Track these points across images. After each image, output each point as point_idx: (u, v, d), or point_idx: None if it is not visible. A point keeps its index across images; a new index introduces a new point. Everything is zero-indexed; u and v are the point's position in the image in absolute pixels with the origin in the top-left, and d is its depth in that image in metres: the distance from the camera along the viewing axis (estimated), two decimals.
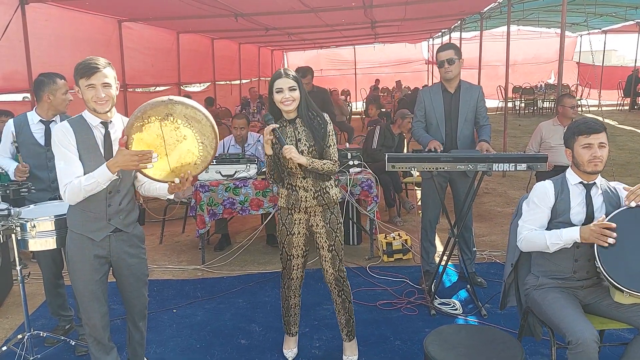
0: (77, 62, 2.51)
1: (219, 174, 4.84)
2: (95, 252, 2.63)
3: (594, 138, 2.58)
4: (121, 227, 2.68)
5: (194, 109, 2.44)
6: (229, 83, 15.78)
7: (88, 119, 2.58)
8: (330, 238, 3.08)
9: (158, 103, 2.40)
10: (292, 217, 3.07)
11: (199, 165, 2.53)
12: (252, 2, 7.79)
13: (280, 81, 2.90)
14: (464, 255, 4.29)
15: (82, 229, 2.61)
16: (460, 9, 10.24)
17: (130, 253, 2.74)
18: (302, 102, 2.96)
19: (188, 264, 5.03)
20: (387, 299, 4.11)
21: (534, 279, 2.78)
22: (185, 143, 2.47)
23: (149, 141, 2.43)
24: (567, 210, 2.63)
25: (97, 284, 2.66)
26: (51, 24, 7.02)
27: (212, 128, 2.48)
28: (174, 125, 2.43)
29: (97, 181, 2.46)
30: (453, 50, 4.00)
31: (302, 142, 2.96)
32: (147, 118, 2.39)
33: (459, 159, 3.54)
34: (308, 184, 3.01)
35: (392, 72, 22.29)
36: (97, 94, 2.47)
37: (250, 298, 4.24)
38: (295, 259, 3.14)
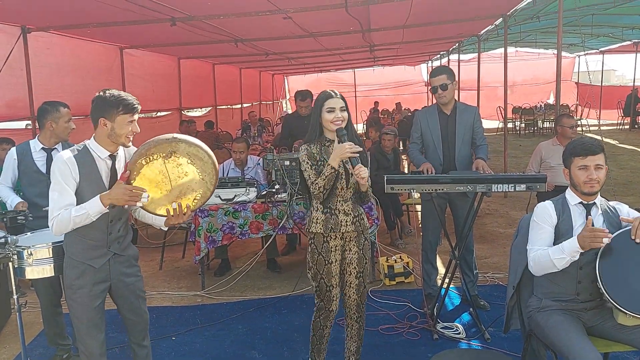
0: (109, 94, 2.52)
1: (218, 198, 4.83)
2: (95, 279, 2.63)
3: (590, 160, 2.56)
4: (119, 252, 2.71)
5: (197, 147, 2.52)
6: (230, 107, 15.90)
7: (95, 150, 2.59)
8: (361, 265, 3.04)
9: (162, 141, 2.48)
10: (329, 244, 2.97)
11: (198, 201, 2.59)
12: (252, 27, 7.89)
13: (331, 101, 2.90)
14: (466, 277, 4.24)
15: (82, 256, 2.61)
16: (457, 31, 10.36)
17: (127, 273, 2.77)
18: (350, 124, 2.96)
19: (188, 289, 4.99)
20: (389, 324, 4.05)
21: (536, 301, 2.73)
22: (186, 179, 2.54)
23: (151, 177, 2.49)
24: (569, 230, 2.60)
25: (96, 311, 2.65)
26: (53, 52, 7.11)
27: (213, 166, 2.55)
28: (177, 162, 2.50)
29: (87, 213, 2.47)
30: (446, 75, 4.01)
31: (348, 163, 2.92)
32: (150, 155, 2.46)
33: (458, 180, 3.52)
34: (348, 208, 2.96)
35: (392, 95, 22.44)
36: (134, 129, 2.56)
37: (251, 324, 4.18)
38: (334, 289, 3.00)
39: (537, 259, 2.59)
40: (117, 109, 2.50)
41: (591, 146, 2.57)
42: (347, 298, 3.09)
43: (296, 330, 4.02)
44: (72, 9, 5.91)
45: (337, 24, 8.05)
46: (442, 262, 5.12)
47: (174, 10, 6.13)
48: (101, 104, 2.52)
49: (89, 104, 2.58)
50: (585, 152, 2.56)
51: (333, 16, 7.17)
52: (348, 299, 3.09)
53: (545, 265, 2.56)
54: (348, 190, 2.96)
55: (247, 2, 5.99)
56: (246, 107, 16.79)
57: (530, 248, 2.66)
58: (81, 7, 5.81)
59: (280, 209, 4.77)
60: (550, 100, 20.94)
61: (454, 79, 4.03)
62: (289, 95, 22.73)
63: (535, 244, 2.64)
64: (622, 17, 10.91)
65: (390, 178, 3.57)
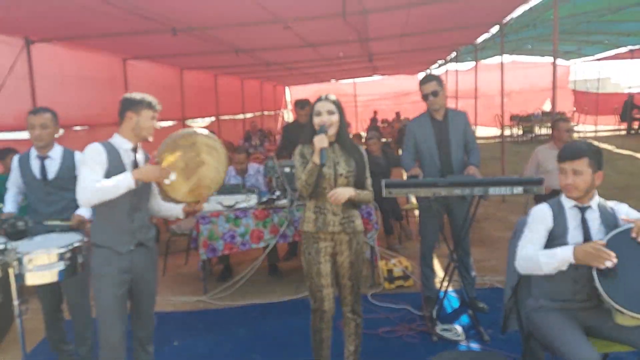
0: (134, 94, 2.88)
1: (219, 205, 4.90)
2: (119, 265, 2.82)
3: (567, 164, 2.57)
4: (144, 241, 2.93)
5: (214, 139, 2.97)
6: (232, 118, 16.00)
7: (119, 143, 2.87)
8: (353, 268, 3.08)
9: (185, 134, 2.91)
10: (319, 245, 3.02)
11: (211, 187, 2.99)
12: (252, 37, 8.00)
13: (319, 104, 2.98)
14: (464, 279, 4.30)
15: (109, 241, 2.82)
16: (454, 40, 10.49)
17: (149, 269, 2.97)
18: (342, 128, 3.02)
19: (190, 295, 5.04)
20: (389, 326, 4.10)
21: (533, 301, 2.75)
22: (203, 168, 2.93)
23: (175, 164, 2.86)
24: (564, 233, 2.60)
25: (119, 300, 2.83)
26: (56, 63, 7.20)
27: (225, 156, 3.01)
28: (196, 152, 2.89)
29: (117, 185, 2.67)
30: (435, 82, 4.11)
31: (340, 166, 2.99)
32: (175, 146, 2.85)
33: (455, 184, 3.60)
34: (338, 209, 3.00)
35: (392, 104, 22.57)
36: (155, 125, 2.93)
37: (252, 329, 4.24)
38: (326, 289, 3.03)
39: (525, 258, 2.58)
40: (142, 104, 2.85)
41: (571, 151, 2.56)
42: (343, 298, 3.16)
43: (297, 334, 4.07)
44: (75, 21, 6.02)
45: (336, 34, 8.17)
46: (441, 265, 5.18)
47: (175, 21, 6.24)
48: (129, 100, 2.87)
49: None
50: (562, 156, 2.59)
51: (332, 26, 7.29)
52: (344, 299, 3.16)
53: (531, 265, 2.56)
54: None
55: (247, 13, 6.10)
56: (248, 118, 16.90)
57: (521, 245, 2.66)
58: (84, 18, 5.91)
59: (281, 216, 4.83)
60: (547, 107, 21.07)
61: (443, 86, 4.13)
62: (291, 105, 22.86)
63: (527, 243, 2.64)
64: (617, 24, 11.00)
65: (388, 182, 3.65)
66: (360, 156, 3.08)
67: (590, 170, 2.56)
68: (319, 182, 2.96)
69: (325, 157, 2.86)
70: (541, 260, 2.51)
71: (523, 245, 2.67)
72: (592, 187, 2.60)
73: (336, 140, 3.03)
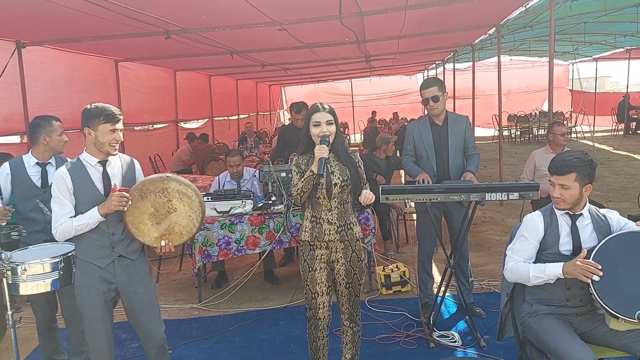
0: (93, 106, 2.77)
1: (214, 211, 4.84)
2: (99, 278, 2.81)
3: (555, 178, 2.59)
4: (124, 254, 2.87)
5: (186, 186, 2.85)
6: (227, 119, 15.93)
7: (85, 159, 2.82)
8: (349, 276, 3.05)
9: (156, 179, 2.83)
10: (314, 253, 3.02)
11: (183, 236, 2.87)
12: (247, 39, 7.94)
13: (317, 115, 2.95)
14: (462, 285, 4.25)
15: (88, 255, 2.81)
16: (451, 41, 10.45)
17: (135, 281, 2.90)
18: (338, 137, 3.01)
19: (184, 302, 4.98)
20: (386, 333, 4.05)
21: (528, 306, 2.77)
22: (175, 215, 2.84)
23: (144, 210, 2.79)
24: (556, 241, 2.63)
25: (104, 309, 2.83)
26: (47, 66, 7.14)
27: (199, 204, 2.86)
28: (167, 198, 2.81)
29: (87, 222, 2.75)
30: (437, 87, 4.04)
31: (335, 175, 2.98)
32: (145, 191, 2.79)
33: (452, 190, 3.55)
34: (333, 217, 2.99)
35: (389, 104, 22.53)
36: (117, 137, 2.79)
37: (248, 336, 4.18)
38: (320, 297, 3.02)
39: (515, 269, 2.66)
40: (99, 118, 2.74)
41: (559, 167, 2.58)
42: (341, 305, 3.12)
43: (293, 342, 4.02)
44: (67, 23, 5.95)
45: (333, 35, 8.12)
46: (438, 270, 5.13)
47: (168, 24, 6.18)
48: (86, 115, 2.77)
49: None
50: (552, 170, 2.61)
51: (328, 27, 7.23)
52: (341, 307, 3.12)
53: (520, 277, 2.64)
54: (332, 201, 2.98)
55: (242, 15, 6.04)
56: (243, 118, 16.84)
57: (511, 255, 2.72)
58: (75, 21, 5.84)
59: (277, 221, 4.77)
60: (545, 107, 21.07)
61: (444, 90, 4.07)
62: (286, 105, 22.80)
63: (517, 253, 2.70)
64: (614, 25, 10.99)
65: (385, 188, 3.60)
66: (355, 165, 3.06)
67: (578, 185, 2.58)
68: (314, 192, 2.96)
69: (323, 168, 2.86)
70: (531, 274, 2.60)
71: (512, 255, 2.72)
72: (580, 200, 2.62)
73: (331, 150, 3.00)
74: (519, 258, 2.68)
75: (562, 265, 2.50)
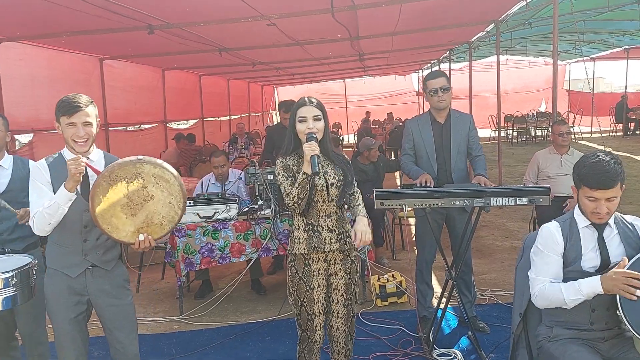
0: (59, 99, 2.52)
1: (196, 216, 4.50)
2: (70, 287, 2.56)
3: (600, 193, 2.18)
4: (98, 264, 2.59)
5: (163, 168, 2.45)
6: (217, 119, 15.59)
7: (65, 155, 2.57)
8: (349, 291, 2.72)
9: (127, 162, 2.42)
10: (311, 267, 2.66)
11: (165, 226, 2.48)
12: (235, 36, 7.60)
13: (304, 109, 2.61)
14: (464, 298, 3.92)
15: (58, 264, 2.56)
16: (448, 39, 10.15)
17: (110, 293, 2.60)
18: (326, 134, 2.67)
19: (165, 315, 4.63)
20: (382, 351, 3.72)
21: (546, 329, 2.42)
22: (152, 203, 2.44)
23: (116, 200, 2.40)
24: (578, 257, 2.28)
25: (73, 324, 2.58)
26: (26, 64, 6.79)
27: (179, 187, 2.47)
28: (142, 184, 2.42)
29: (56, 202, 2.41)
30: (444, 78, 3.73)
31: (329, 175, 2.65)
32: (114, 178, 2.38)
33: (454, 194, 3.21)
34: (332, 224, 2.65)
35: (383, 105, 22.24)
36: (77, 133, 2.47)
37: (230, 353, 3.83)
38: (317, 318, 2.68)
39: (545, 294, 2.28)
40: (60, 111, 2.48)
41: (605, 179, 2.16)
42: (335, 330, 2.75)
43: (280, 358, 3.68)
44: (43, 17, 5.60)
45: (325, 32, 7.79)
46: (438, 279, 4.80)
47: (150, 18, 5.83)
48: (55, 109, 2.52)
49: None
50: (597, 184, 2.17)
51: (320, 23, 6.90)
52: (336, 331, 2.75)
53: (554, 301, 2.26)
54: (331, 204, 2.65)
55: (228, 8, 5.71)
56: (235, 119, 16.49)
57: (535, 278, 2.34)
58: (53, 15, 5.50)
59: (264, 227, 4.44)
60: (542, 108, 20.86)
61: (450, 85, 3.75)
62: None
63: (541, 273, 2.32)
64: (614, 23, 10.77)
65: (379, 193, 3.27)
66: (347, 163, 2.76)
67: (620, 191, 2.25)
68: (311, 195, 2.61)
69: (317, 166, 2.50)
70: (566, 297, 2.21)
71: (536, 277, 2.34)
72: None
73: (320, 149, 2.66)
74: (545, 278, 2.31)
75: (601, 279, 2.12)
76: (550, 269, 2.31)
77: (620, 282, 2.06)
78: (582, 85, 19.80)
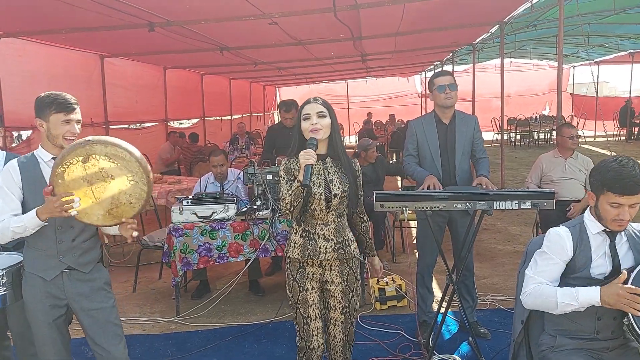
0: (45, 95, 2.48)
1: (194, 215, 4.43)
2: (47, 291, 2.50)
3: (626, 199, 2.11)
4: (75, 266, 2.52)
5: (114, 146, 2.36)
6: (219, 119, 15.54)
7: (39, 155, 2.52)
8: (346, 299, 2.62)
9: (76, 146, 2.33)
10: (305, 270, 2.59)
11: (134, 205, 2.41)
12: (237, 34, 7.55)
13: (308, 107, 2.53)
14: (465, 302, 3.85)
15: (34, 267, 2.51)
16: (452, 40, 10.08)
17: (89, 296, 2.53)
18: (334, 135, 2.56)
19: (161, 315, 4.56)
20: (380, 355, 3.64)
21: (549, 338, 2.35)
22: (114, 183, 2.37)
23: (75, 187, 2.33)
24: (587, 264, 2.21)
25: (52, 328, 2.53)
26: (26, 60, 6.75)
27: (138, 163, 2.38)
28: (98, 166, 2.34)
29: (25, 225, 2.37)
30: (452, 77, 3.68)
31: (334, 185, 2.53)
32: (67, 163, 2.31)
33: (456, 197, 3.14)
34: (330, 233, 2.55)
35: (385, 106, 22.17)
36: (72, 130, 2.47)
37: (226, 355, 3.77)
38: (313, 322, 2.59)
39: (537, 293, 2.23)
40: (50, 108, 2.43)
41: (633, 185, 2.07)
42: (332, 338, 2.66)
43: None
44: (43, 14, 5.56)
45: (327, 31, 7.73)
46: (438, 283, 4.73)
47: (151, 15, 5.78)
48: (37, 104, 2.47)
49: None
50: (623, 190, 2.09)
51: (322, 22, 6.85)
52: (333, 339, 2.66)
53: (544, 302, 2.21)
54: (329, 214, 2.55)
55: (229, 7, 5.65)
56: (236, 119, 16.44)
57: (532, 276, 2.29)
58: (53, 11, 5.46)
59: (262, 228, 4.37)
60: (545, 111, 20.77)
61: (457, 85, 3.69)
62: None
63: (539, 274, 2.27)
64: (619, 27, 10.70)
65: (380, 195, 3.20)
66: (355, 174, 2.63)
67: None
68: (308, 202, 2.52)
69: (308, 177, 2.39)
70: (559, 300, 2.16)
71: (533, 276, 2.28)
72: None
73: (328, 153, 2.58)
74: (542, 280, 2.25)
75: (600, 291, 2.08)
76: (551, 273, 2.26)
77: (624, 297, 2.01)
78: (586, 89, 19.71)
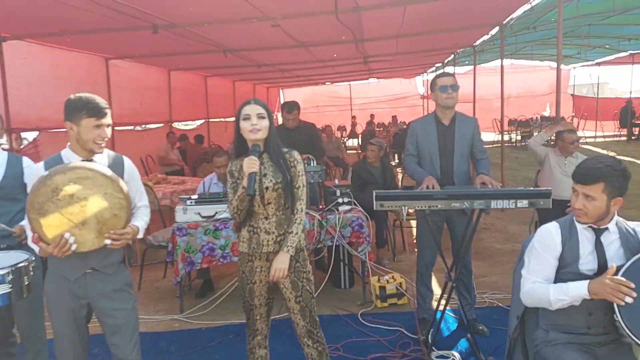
0: (76, 97, 2.47)
1: (198, 215, 4.52)
2: (71, 293, 2.53)
3: (579, 187, 2.23)
4: (98, 267, 2.54)
5: (72, 169, 2.34)
6: (223, 120, 15.63)
7: (66, 156, 2.52)
8: (296, 289, 2.72)
9: (38, 187, 2.30)
10: (253, 264, 2.73)
11: (120, 215, 2.41)
12: (240, 37, 7.64)
13: (247, 108, 2.64)
14: (463, 300, 3.92)
15: (57, 266, 2.52)
16: (453, 42, 10.16)
17: (111, 297, 2.57)
18: (272, 134, 2.69)
19: (165, 313, 4.64)
20: (380, 352, 3.72)
21: (543, 333, 2.41)
22: (90, 204, 2.35)
23: (57, 224, 2.32)
24: (575, 259, 2.28)
25: (72, 327, 2.56)
26: (31, 62, 6.84)
27: (103, 175, 2.38)
28: (67, 195, 2.31)
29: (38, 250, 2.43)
30: (455, 78, 3.76)
31: (267, 178, 2.65)
32: (37, 206, 2.29)
33: (454, 196, 3.22)
34: (271, 226, 2.68)
35: (388, 108, 22.27)
36: (103, 134, 2.47)
37: (229, 352, 3.85)
38: (257, 309, 2.80)
39: (533, 293, 2.32)
40: (82, 112, 2.43)
41: (585, 174, 2.21)
42: (296, 325, 2.80)
43: (279, 359, 3.69)
44: (48, 16, 5.65)
45: (329, 34, 7.82)
46: (438, 281, 4.80)
47: (154, 17, 5.87)
48: (68, 107, 2.47)
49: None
50: (577, 177, 2.24)
51: (324, 24, 6.93)
52: (297, 326, 2.80)
53: (540, 300, 2.30)
54: (268, 207, 2.66)
55: (232, 9, 5.74)
56: None
57: (526, 277, 2.37)
58: (57, 14, 5.55)
59: None
60: (546, 112, 20.82)
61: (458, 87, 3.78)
62: None
63: (533, 273, 2.35)
64: (619, 28, 10.74)
65: (379, 194, 3.28)
66: (290, 162, 2.71)
67: (605, 197, 2.21)
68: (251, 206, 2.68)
69: (252, 186, 2.52)
70: (552, 297, 2.25)
71: (528, 276, 2.37)
72: (606, 214, 2.26)
73: (265, 149, 2.69)
74: (536, 279, 2.33)
75: (588, 283, 2.16)
76: (543, 271, 2.33)
77: (609, 286, 2.08)
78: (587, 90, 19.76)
